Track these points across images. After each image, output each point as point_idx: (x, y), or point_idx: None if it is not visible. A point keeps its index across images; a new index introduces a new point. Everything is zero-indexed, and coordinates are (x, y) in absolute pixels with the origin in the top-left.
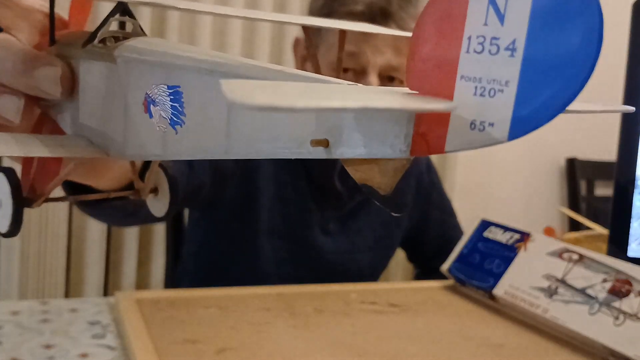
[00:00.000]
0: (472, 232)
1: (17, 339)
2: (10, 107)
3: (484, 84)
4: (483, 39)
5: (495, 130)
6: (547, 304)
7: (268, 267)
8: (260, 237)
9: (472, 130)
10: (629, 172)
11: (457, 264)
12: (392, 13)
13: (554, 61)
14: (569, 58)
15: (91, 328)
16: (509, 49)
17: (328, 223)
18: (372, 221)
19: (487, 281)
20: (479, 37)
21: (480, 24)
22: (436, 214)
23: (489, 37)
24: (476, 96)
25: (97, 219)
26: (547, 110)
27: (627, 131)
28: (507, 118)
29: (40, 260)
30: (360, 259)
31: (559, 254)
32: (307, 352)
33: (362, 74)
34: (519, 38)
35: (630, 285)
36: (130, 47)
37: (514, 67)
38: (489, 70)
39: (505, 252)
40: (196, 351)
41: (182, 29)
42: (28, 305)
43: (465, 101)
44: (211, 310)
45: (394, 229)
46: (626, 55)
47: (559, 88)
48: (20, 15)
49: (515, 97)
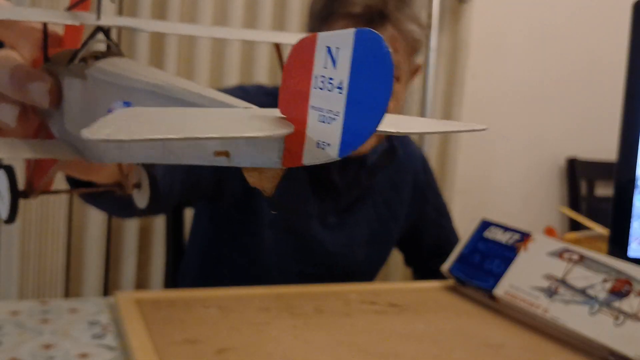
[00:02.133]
0: (472, 232)
1: (16, 339)
2: (7, 113)
3: (324, 113)
4: (324, 78)
5: (331, 149)
6: (547, 304)
7: (270, 259)
8: (262, 229)
9: (318, 148)
10: (629, 172)
11: (457, 264)
12: (388, 14)
13: (366, 99)
14: (374, 98)
15: (91, 328)
16: (339, 88)
17: (327, 216)
18: (369, 216)
19: (488, 281)
20: (322, 77)
21: (322, 67)
22: (433, 215)
23: (327, 77)
24: (320, 122)
25: (99, 209)
26: (361, 136)
27: (628, 131)
28: (337, 141)
29: (40, 260)
30: (358, 252)
31: (559, 254)
32: (307, 352)
33: None
34: (344, 80)
35: (630, 285)
36: (99, 67)
37: (341, 102)
38: (328, 103)
39: (505, 252)
40: (196, 351)
41: None
42: (28, 305)
43: (314, 126)
44: (211, 310)
45: (390, 225)
46: (626, 55)
47: (368, 120)
48: (23, 34)
49: (342, 125)
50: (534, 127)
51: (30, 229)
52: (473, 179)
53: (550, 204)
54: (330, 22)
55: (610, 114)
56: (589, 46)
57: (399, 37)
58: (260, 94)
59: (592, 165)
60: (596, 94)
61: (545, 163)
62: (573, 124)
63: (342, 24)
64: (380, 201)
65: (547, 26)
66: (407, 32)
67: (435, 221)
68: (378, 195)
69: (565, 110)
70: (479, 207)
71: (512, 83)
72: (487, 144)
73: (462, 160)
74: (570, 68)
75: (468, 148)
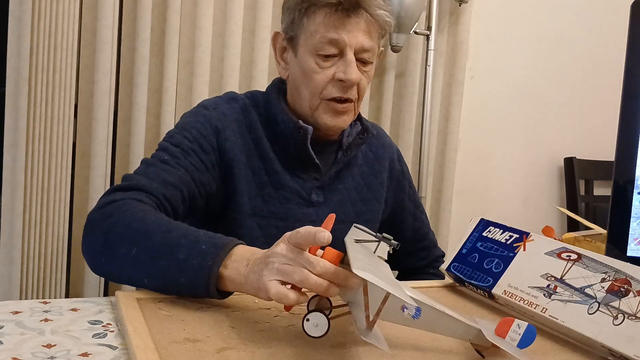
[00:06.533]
0: (471, 232)
1: (18, 339)
2: (291, 297)
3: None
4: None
5: None
6: (545, 303)
7: (258, 244)
8: (245, 219)
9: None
10: (628, 172)
11: (456, 263)
12: (362, 1)
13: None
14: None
15: (92, 327)
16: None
17: (310, 194)
18: (352, 197)
19: (486, 281)
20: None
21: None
22: (410, 205)
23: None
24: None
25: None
26: None
27: (626, 131)
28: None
29: (41, 260)
30: (344, 230)
31: (558, 254)
32: (307, 352)
33: (341, 56)
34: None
35: (629, 285)
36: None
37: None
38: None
39: (504, 252)
40: (196, 350)
41: (182, 30)
42: (29, 304)
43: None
44: (211, 310)
45: (374, 205)
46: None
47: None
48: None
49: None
50: (533, 127)
51: (31, 229)
52: (472, 179)
53: (549, 203)
54: (310, 13)
55: (608, 114)
56: (587, 47)
57: (373, 22)
58: (222, 103)
59: (591, 165)
60: (595, 95)
61: (544, 163)
62: (571, 124)
63: (323, 13)
64: (363, 184)
65: (545, 27)
66: (379, 16)
67: (412, 212)
68: (359, 178)
69: (564, 110)
70: (478, 207)
71: (511, 84)
72: (485, 144)
73: (461, 160)
74: (568, 68)
75: (467, 148)
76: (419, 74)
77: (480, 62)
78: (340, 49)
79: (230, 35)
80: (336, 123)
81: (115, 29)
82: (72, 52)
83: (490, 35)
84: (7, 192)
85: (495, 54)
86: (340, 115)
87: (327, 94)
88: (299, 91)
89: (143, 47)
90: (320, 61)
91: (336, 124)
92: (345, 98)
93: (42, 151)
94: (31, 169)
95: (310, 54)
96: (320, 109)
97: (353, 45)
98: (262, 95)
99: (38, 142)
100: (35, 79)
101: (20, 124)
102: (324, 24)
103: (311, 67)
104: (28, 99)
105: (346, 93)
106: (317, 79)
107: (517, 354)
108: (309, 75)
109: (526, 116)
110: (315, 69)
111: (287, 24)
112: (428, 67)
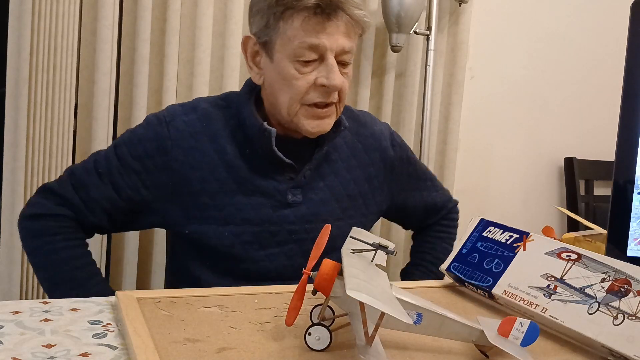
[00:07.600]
0: (471, 232)
1: (18, 339)
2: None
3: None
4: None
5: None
6: (546, 303)
7: (236, 251)
8: (219, 229)
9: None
10: (628, 172)
11: (456, 263)
12: (341, 3)
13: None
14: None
15: (92, 327)
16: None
17: (286, 195)
18: (337, 193)
19: (486, 281)
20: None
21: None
22: (412, 182)
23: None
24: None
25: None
26: None
27: (626, 131)
28: None
29: None
30: (333, 229)
31: (558, 254)
32: (307, 352)
33: (322, 60)
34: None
35: (629, 285)
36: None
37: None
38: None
39: (504, 252)
40: (196, 350)
41: (182, 30)
42: (29, 304)
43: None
44: (211, 310)
45: (364, 201)
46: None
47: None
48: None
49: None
50: (533, 127)
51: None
52: (472, 179)
53: (549, 203)
54: (286, 17)
55: (608, 114)
56: (587, 47)
57: (352, 23)
58: (179, 115)
59: (591, 165)
60: (595, 95)
61: (544, 163)
62: (571, 124)
63: (301, 17)
64: (349, 178)
65: (545, 27)
66: (358, 16)
67: (415, 186)
68: (345, 172)
69: (564, 110)
70: (478, 207)
71: (511, 84)
72: (486, 144)
73: (461, 160)
74: (568, 68)
75: (467, 148)
76: (419, 74)
77: (480, 62)
78: (321, 53)
79: (230, 35)
80: (319, 128)
81: (115, 29)
82: (72, 52)
83: (490, 35)
84: (7, 192)
85: (495, 54)
86: (322, 119)
87: (308, 99)
88: (275, 96)
89: (143, 47)
90: (300, 67)
91: (319, 129)
92: (327, 103)
93: (42, 151)
94: (31, 169)
95: (289, 59)
96: (300, 115)
97: (334, 48)
98: (236, 96)
99: (38, 142)
100: (35, 79)
101: (20, 124)
102: (303, 28)
103: (291, 74)
104: (28, 99)
105: (328, 98)
106: (298, 85)
107: (520, 354)
108: (288, 81)
109: (526, 116)
110: (296, 75)
111: (259, 28)
112: (428, 67)
